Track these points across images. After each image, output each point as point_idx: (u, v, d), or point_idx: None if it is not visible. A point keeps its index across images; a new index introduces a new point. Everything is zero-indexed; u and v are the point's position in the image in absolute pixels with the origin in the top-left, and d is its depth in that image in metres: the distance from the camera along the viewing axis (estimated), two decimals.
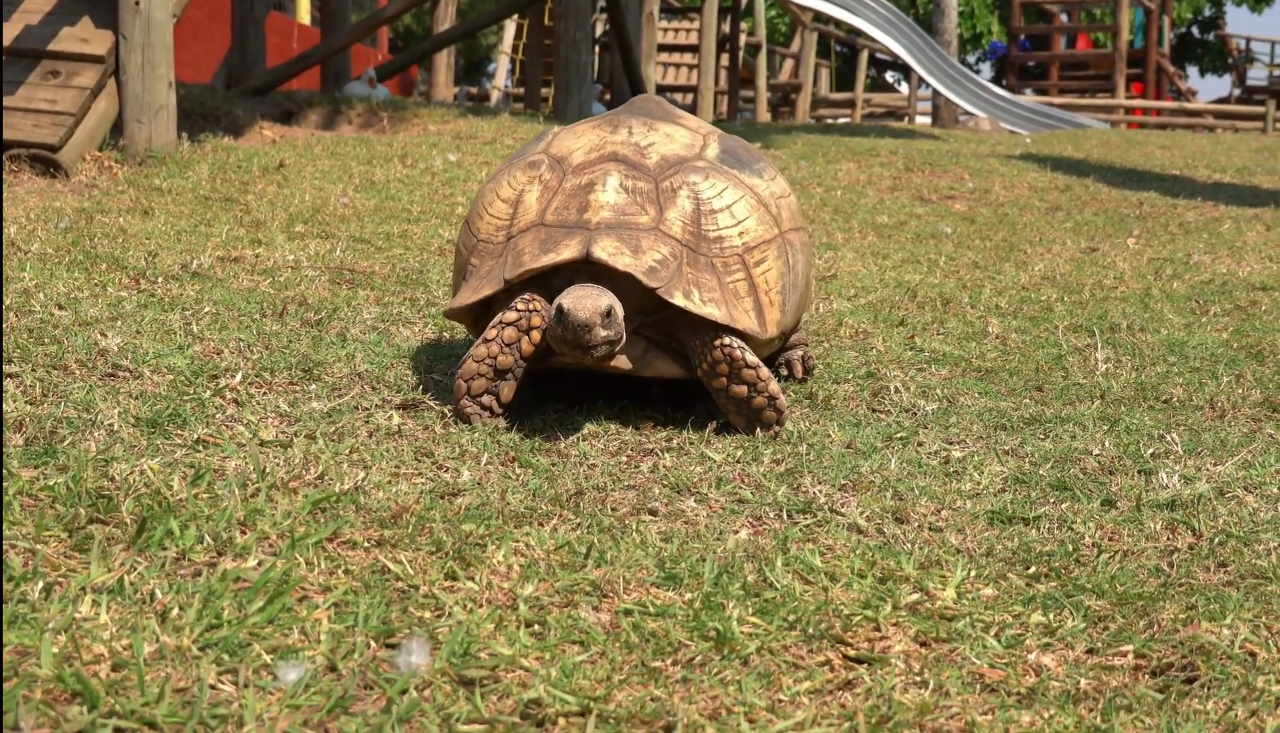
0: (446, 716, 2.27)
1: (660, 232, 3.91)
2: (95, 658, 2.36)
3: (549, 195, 4.02)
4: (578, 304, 3.60)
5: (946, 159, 12.76)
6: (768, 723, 2.32)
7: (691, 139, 4.23)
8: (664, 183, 4.02)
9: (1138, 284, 7.11)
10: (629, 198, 3.95)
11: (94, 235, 6.26)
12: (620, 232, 3.87)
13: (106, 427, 3.50)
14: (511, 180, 4.15)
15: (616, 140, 4.13)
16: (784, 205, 4.32)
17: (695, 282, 3.89)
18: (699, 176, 4.06)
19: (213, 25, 22.47)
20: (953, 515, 3.40)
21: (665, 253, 3.88)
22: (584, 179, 4.00)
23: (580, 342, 3.61)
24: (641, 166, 4.04)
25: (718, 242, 3.99)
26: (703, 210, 4.01)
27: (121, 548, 2.82)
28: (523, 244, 3.94)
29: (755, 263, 4.05)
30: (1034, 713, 2.38)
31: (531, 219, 4.00)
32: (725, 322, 3.86)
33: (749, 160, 4.29)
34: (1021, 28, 34.74)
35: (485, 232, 4.12)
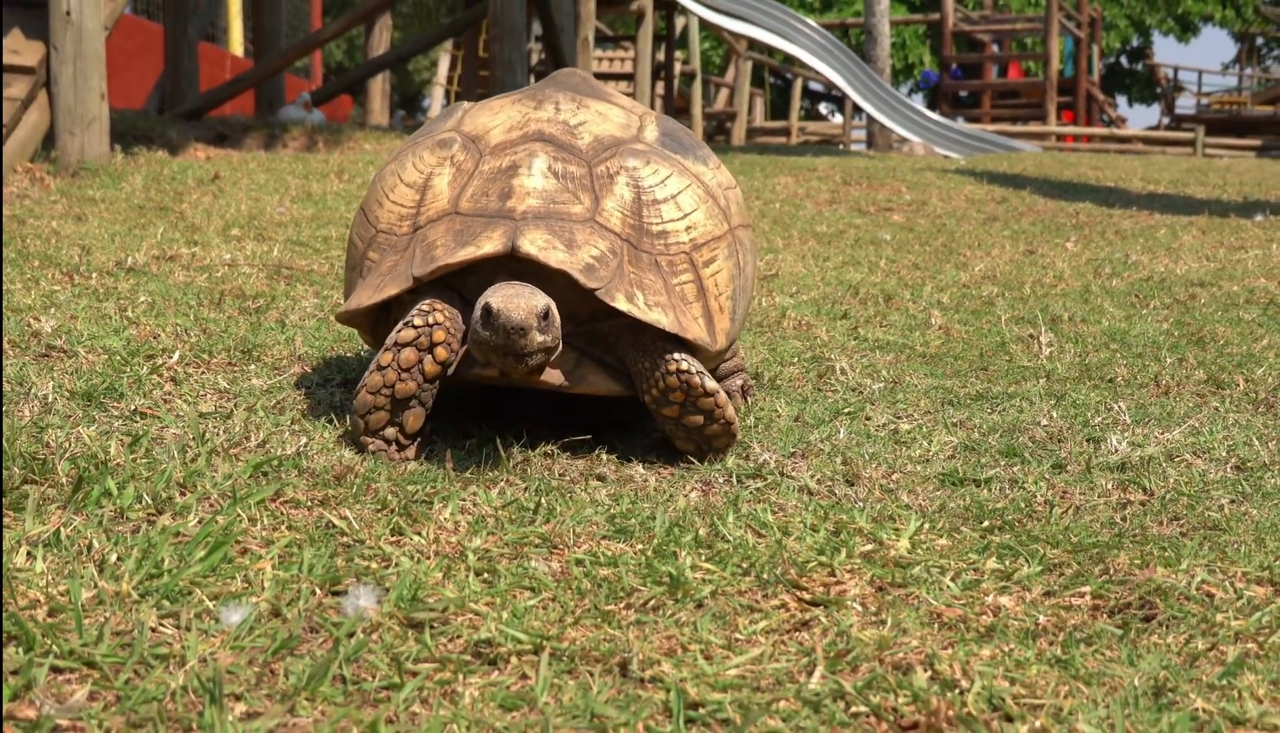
0: (395, 655, 2.21)
1: (597, 223, 3.39)
2: (31, 604, 2.29)
3: (463, 179, 3.47)
4: (509, 304, 3.06)
5: (883, 174, 12.80)
6: (724, 659, 2.27)
7: (626, 119, 3.69)
8: (599, 167, 3.49)
9: (1077, 282, 7.13)
10: (559, 183, 3.41)
11: (25, 237, 6.16)
12: (551, 222, 3.34)
13: (40, 398, 3.42)
14: (418, 162, 3.57)
15: (541, 117, 3.58)
16: (732, 198, 3.81)
17: (638, 283, 3.36)
18: (638, 161, 3.51)
19: (145, 56, 22.29)
20: (904, 478, 3.37)
21: (604, 248, 3.35)
22: (505, 161, 3.45)
23: (513, 348, 3.08)
24: (572, 148, 3.51)
25: (662, 237, 3.47)
26: (644, 200, 3.47)
27: (57, 507, 2.75)
28: (434, 235, 3.39)
29: (704, 263, 3.53)
30: (994, 647, 2.35)
31: (443, 207, 3.44)
32: (674, 330, 3.34)
33: (691, 145, 3.76)
34: (953, 57, 35.02)
35: (386, 221, 3.54)
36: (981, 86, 35.83)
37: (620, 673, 2.21)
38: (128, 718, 1.97)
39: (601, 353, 3.44)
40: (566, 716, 2.05)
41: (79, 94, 8.44)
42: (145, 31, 23.16)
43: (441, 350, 3.26)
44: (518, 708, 2.08)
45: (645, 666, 2.22)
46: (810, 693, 2.14)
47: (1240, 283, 7.01)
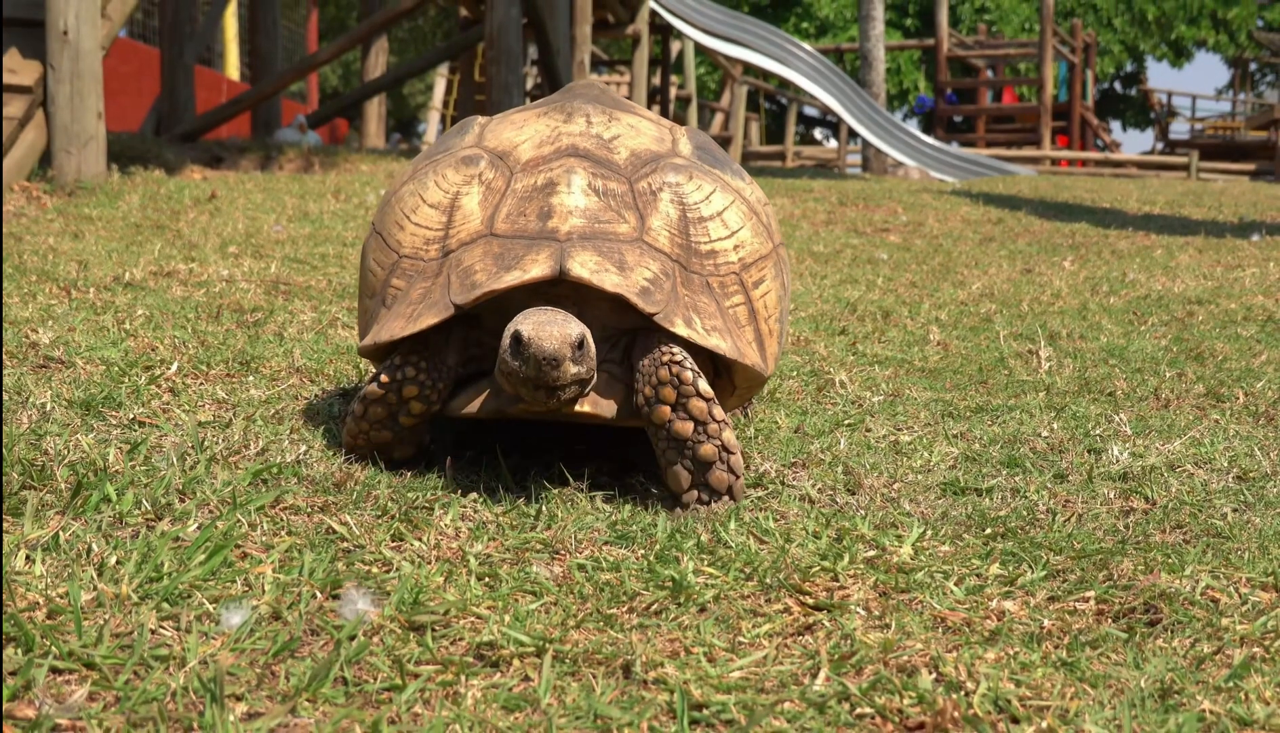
0: (397, 657, 2.20)
1: (645, 243, 3.19)
2: (30, 606, 2.27)
3: (495, 199, 3.25)
4: (541, 331, 2.86)
5: (879, 195, 12.82)
6: (728, 662, 2.26)
7: (659, 132, 3.50)
8: (639, 183, 3.29)
9: (1075, 300, 7.13)
10: (601, 201, 3.21)
11: (23, 253, 6.15)
12: (598, 243, 3.13)
13: (39, 407, 3.41)
14: (440, 180, 3.34)
15: (573, 131, 3.37)
16: (770, 214, 3.63)
17: (693, 306, 3.19)
18: (680, 176, 3.32)
19: (141, 79, 22.36)
20: (905, 487, 3.36)
21: (656, 270, 3.16)
22: (540, 178, 3.24)
23: (545, 380, 2.88)
24: (610, 163, 3.31)
25: (711, 257, 3.29)
26: (690, 218, 3.29)
27: (56, 512, 2.73)
28: (470, 259, 3.16)
29: (754, 283, 3.36)
30: (999, 650, 2.34)
31: (476, 228, 3.22)
32: (733, 356, 3.18)
33: (726, 159, 3.58)
34: (948, 82, 35.10)
35: (411, 245, 3.31)
36: (976, 111, 35.91)
37: (623, 675, 2.20)
38: (128, 718, 1.95)
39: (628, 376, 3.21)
40: (570, 716, 2.04)
41: (75, 113, 8.44)
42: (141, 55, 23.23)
43: (416, 405, 3.15)
44: (521, 709, 2.06)
45: (648, 667, 2.21)
46: (815, 695, 2.13)
47: (1238, 300, 7.01)
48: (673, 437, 3.08)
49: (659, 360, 3.08)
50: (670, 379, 3.06)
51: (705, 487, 3.10)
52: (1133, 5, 42.60)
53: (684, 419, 3.07)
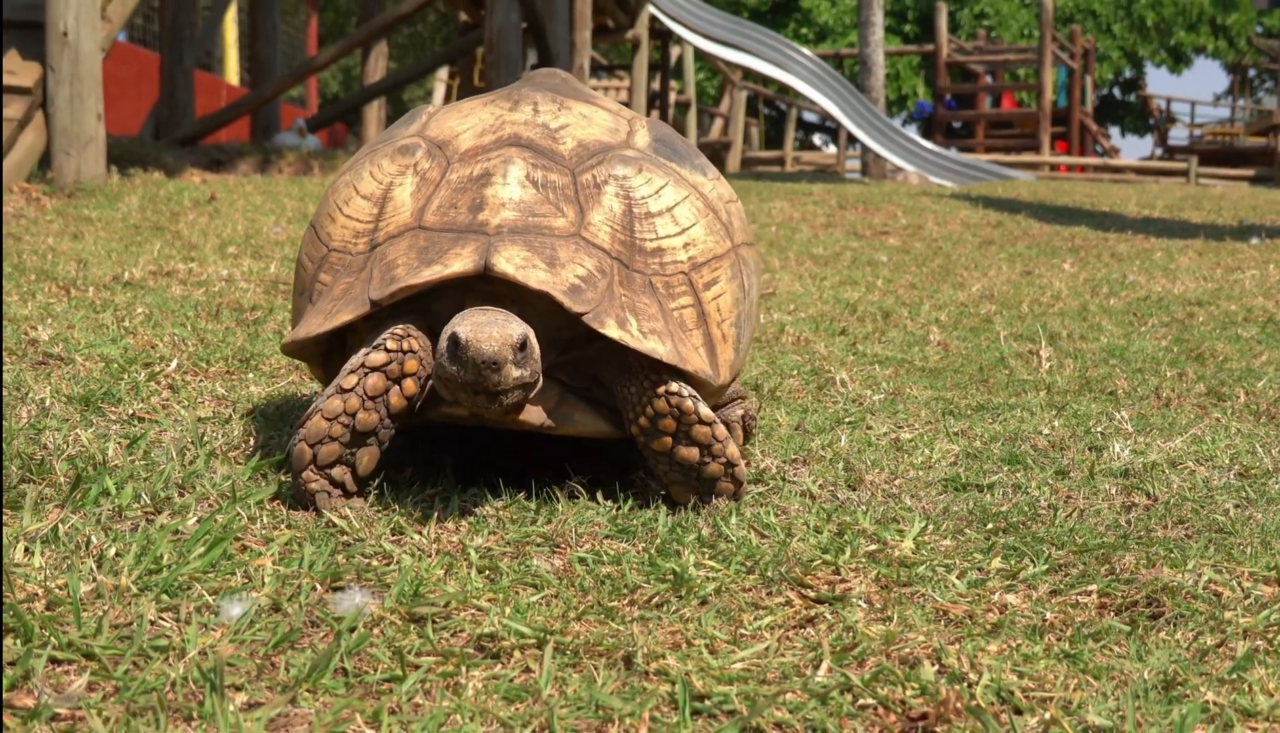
0: (397, 648, 2.19)
1: (583, 239, 3.01)
2: (29, 597, 2.27)
3: (428, 190, 3.07)
4: (480, 332, 2.67)
5: (879, 199, 12.82)
6: (730, 653, 2.25)
7: (614, 123, 3.28)
8: (584, 175, 3.09)
9: (1075, 301, 7.13)
10: (539, 194, 3.03)
11: (22, 253, 6.15)
12: (530, 237, 2.95)
13: (37, 402, 3.40)
14: (375, 171, 3.16)
15: (518, 119, 3.17)
16: (734, 212, 3.40)
17: (631, 307, 2.98)
18: (629, 169, 3.12)
19: (140, 84, 22.34)
20: (906, 483, 3.35)
21: (590, 267, 2.97)
22: (476, 169, 3.06)
23: (485, 385, 2.68)
24: (553, 154, 3.11)
25: (657, 254, 3.08)
26: (636, 213, 3.09)
27: (55, 505, 2.73)
28: (394, 253, 2.99)
29: (705, 284, 3.15)
30: (1001, 642, 2.33)
31: (405, 221, 3.04)
32: (672, 361, 2.94)
33: (688, 153, 3.35)
34: (947, 87, 35.11)
35: (340, 238, 3.13)
36: (975, 117, 35.94)
37: (625, 666, 2.19)
38: (127, 707, 1.94)
39: (587, 385, 3.07)
40: (571, 707, 2.03)
41: (75, 115, 8.44)
42: (140, 59, 23.22)
43: (411, 383, 2.88)
44: (522, 700, 2.05)
45: (650, 659, 2.20)
46: (817, 686, 2.12)
47: (1238, 302, 7.01)
48: (677, 462, 2.97)
49: (651, 392, 2.94)
50: (670, 411, 2.93)
51: (707, 496, 3.04)
52: (1132, 11, 42.62)
53: (689, 446, 2.96)
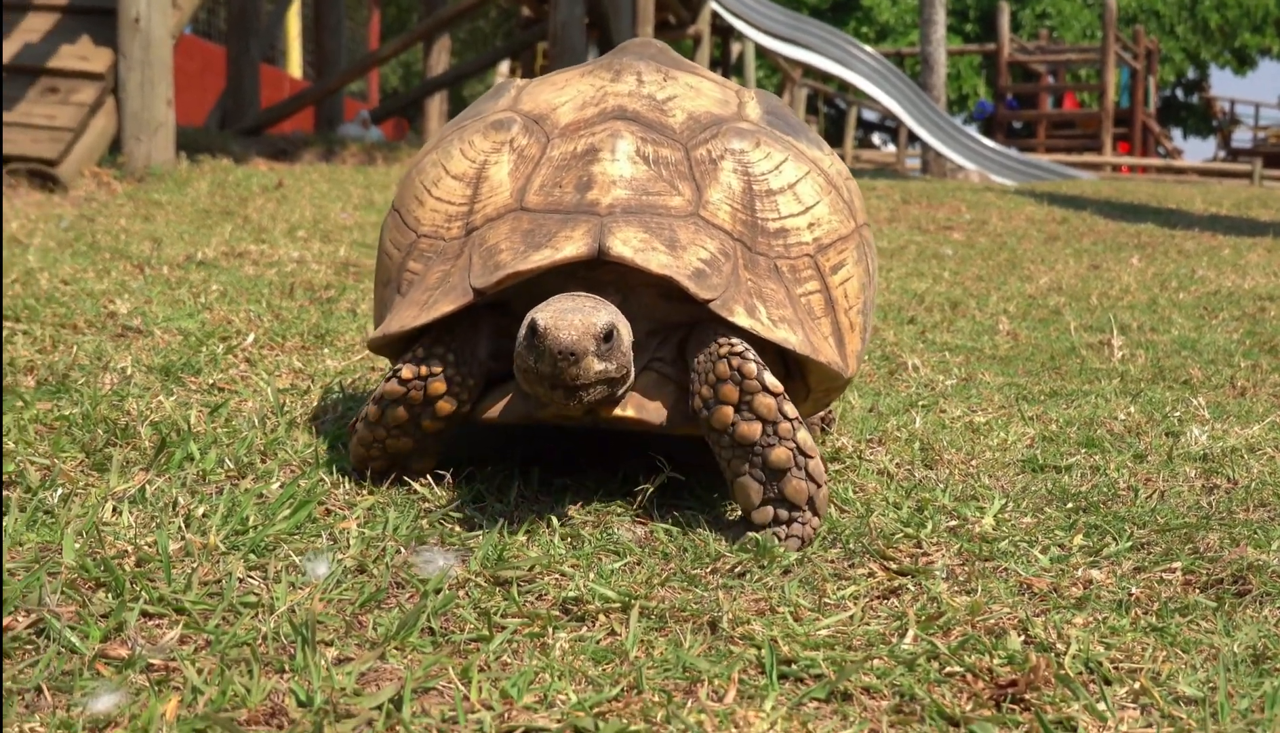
0: (483, 610, 2.19)
1: (702, 219, 2.76)
2: (119, 554, 2.29)
3: (528, 168, 2.84)
4: (560, 320, 2.43)
5: (942, 194, 12.76)
6: (815, 621, 2.25)
7: (723, 94, 3.04)
8: (697, 150, 2.85)
9: (1144, 295, 7.08)
10: (651, 170, 2.78)
11: (95, 233, 6.21)
12: (645, 218, 2.71)
13: (119, 371, 3.44)
14: (467, 148, 2.92)
15: (621, 91, 2.94)
16: (854, 190, 3.15)
17: (758, 293, 2.73)
18: (746, 143, 2.87)
19: (206, 76, 22.52)
20: (983, 464, 3.33)
21: (713, 249, 2.72)
22: (580, 144, 2.83)
23: (563, 378, 2.44)
24: (662, 127, 2.87)
25: (780, 236, 2.83)
26: (756, 191, 2.83)
27: (140, 469, 2.75)
28: (495, 237, 2.75)
29: (831, 268, 2.90)
30: (1087, 615, 2.31)
31: (504, 202, 2.81)
32: (804, 351, 2.72)
33: (800, 126, 3.09)
34: (1008, 87, 34.93)
35: (430, 223, 2.90)
36: (1036, 117, 35.73)
37: (710, 631, 2.19)
38: (220, 659, 1.96)
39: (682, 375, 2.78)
40: (659, 668, 2.03)
41: (146, 101, 8.51)
42: (205, 52, 23.41)
43: (445, 404, 2.72)
44: (609, 660, 2.05)
45: (735, 624, 2.20)
46: (904, 653, 2.11)
47: None
48: (738, 442, 2.62)
49: (715, 354, 2.63)
50: (730, 374, 2.61)
51: (781, 500, 2.61)
52: (1196, 12, 42.25)
53: (750, 420, 2.61)
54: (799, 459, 2.61)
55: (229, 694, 1.85)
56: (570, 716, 1.84)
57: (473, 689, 1.92)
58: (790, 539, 2.59)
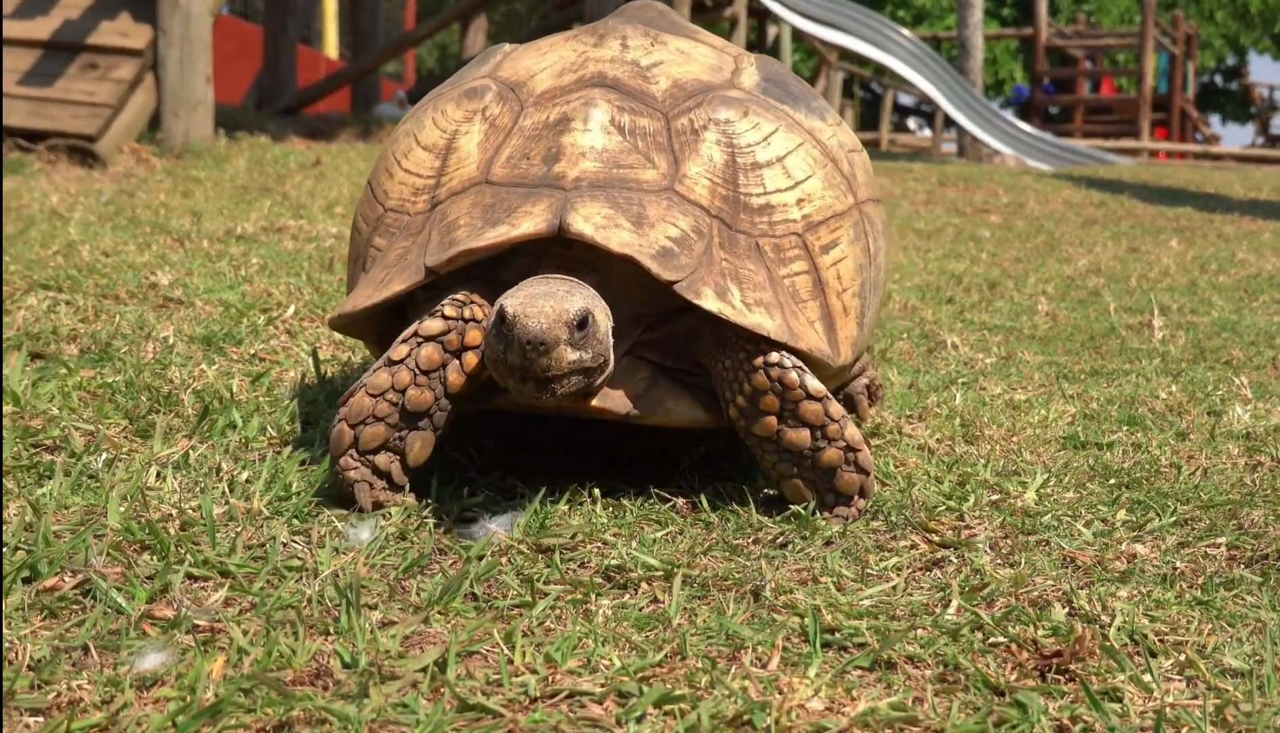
0: (526, 576, 2.20)
1: (677, 194, 2.59)
2: (163, 517, 2.30)
3: (498, 138, 2.67)
4: (529, 307, 2.28)
5: (979, 177, 12.72)
6: (858, 590, 2.24)
7: (717, 60, 2.85)
8: (679, 120, 2.69)
9: (1183, 277, 7.03)
10: (625, 141, 2.63)
11: (135, 208, 6.23)
12: (613, 192, 2.55)
13: (161, 340, 3.45)
14: (439, 118, 2.77)
15: (603, 56, 2.76)
16: (858, 163, 2.97)
17: (733, 274, 2.57)
18: (733, 112, 2.70)
19: (242, 56, 22.56)
20: (1024, 440, 3.32)
21: (685, 227, 2.56)
22: (553, 113, 2.66)
23: (532, 370, 2.29)
24: (643, 95, 2.70)
25: (765, 212, 2.66)
26: (741, 164, 2.66)
27: (183, 435, 2.76)
28: (456, 212, 2.61)
29: (822, 247, 2.72)
30: (1132, 588, 2.30)
31: (470, 174, 2.65)
32: (781, 337, 2.54)
33: (803, 95, 2.91)
34: (1045, 72, 34.74)
35: (397, 196, 2.75)
36: (1073, 102, 35.53)
37: (753, 599, 2.19)
38: (266, 621, 1.97)
39: (684, 366, 2.66)
40: (702, 635, 2.03)
41: (185, 77, 8.53)
42: (242, 32, 23.45)
43: (473, 357, 2.49)
44: (652, 627, 2.05)
45: (778, 593, 2.20)
46: (948, 623, 2.11)
47: None
48: (785, 448, 2.56)
49: (748, 366, 2.53)
50: (771, 386, 2.52)
51: (831, 492, 2.58)
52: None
53: (797, 428, 2.54)
54: (848, 456, 2.56)
55: (274, 655, 1.86)
56: (614, 680, 1.84)
57: (516, 653, 1.92)
58: (835, 519, 2.57)
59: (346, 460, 2.44)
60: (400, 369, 2.45)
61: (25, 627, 1.90)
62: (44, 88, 8.26)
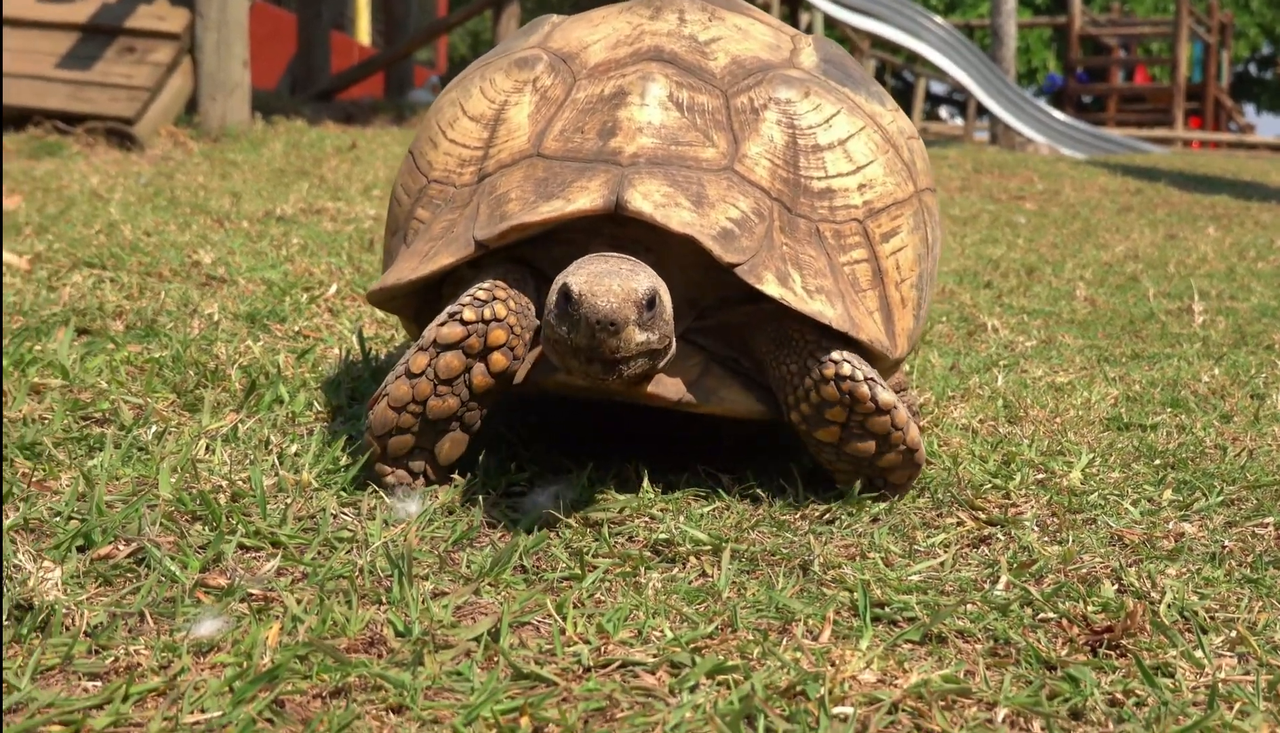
0: (576, 549, 2.20)
1: (737, 174, 2.50)
2: (214, 489, 2.31)
3: (550, 111, 2.59)
4: (596, 285, 2.18)
5: (1014, 164, 12.68)
6: (906, 566, 2.24)
7: (775, 38, 2.76)
8: (738, 98, 2.59)
9: (1222, 264, 7.00)
10: (684, 118, 2.53)
11: (174, 189, 6.25)
12: (671, 170, 2.46)
13: (206, 317, 3.47)
14: (487, 87, 2.67)
15: (659, 30, 2.67)
16: (916, 150, 2.86)
17: (794, 259, 2.48)
18: (794, 92, 2.60)
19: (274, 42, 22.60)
20: (1068, 421, 3.31)
21: (746, 208, 2.46)
22: (608, 86, 2.57)
23: (600, 351, 2.19)
24: (702, 71, 2.61)
25: (825, 197, 2.56)
26: (801, 146, 2.56)
27: (231, 410, 2.78)
28: (506, 185, 2.51)
29: (883, 235, 2.62)
30: (1180, 566, 2.30)
31: (521, 147, 2.56)
32: (842, 327, 2.44)
33: (861, 78, 2.80)
34: (1079, 60, 34.58)
35: (442, 167, 2.65)
36: (1107, 91, 35.36)
37: (802, 573, 2.19)
38: (319, 590, 1.98)
39: (735, 354, 2.58)
40: (752, 608, 2.03)
41: (222, 61, 8.56)
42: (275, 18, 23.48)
43: (500, 357, 2.40)
44: (702, 600, 2.06)
45: (826, 568, 2.20)
46: (997, 599, 2.11)
47: None
48: (845, 453, 2.50)
49: (817, 375, 2.43)
50: (840, 398, 2.43)
51: (884, 482, 2.56)
52: None
53: (863, 438, 2.48)
54: (906, 456, 2.51)
55: (328, 623, 1.87)
56: (666, 650, 1.85)
57: (568, 624, 1.93)
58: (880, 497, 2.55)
59: (380, 467, 2.41)
60: (420, 381, 2.37)
61: (81, 593, 1.92)
62: (82, 71, 8.30)
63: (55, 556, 2.01)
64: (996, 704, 1.76)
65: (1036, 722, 1.74)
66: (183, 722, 1.59)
